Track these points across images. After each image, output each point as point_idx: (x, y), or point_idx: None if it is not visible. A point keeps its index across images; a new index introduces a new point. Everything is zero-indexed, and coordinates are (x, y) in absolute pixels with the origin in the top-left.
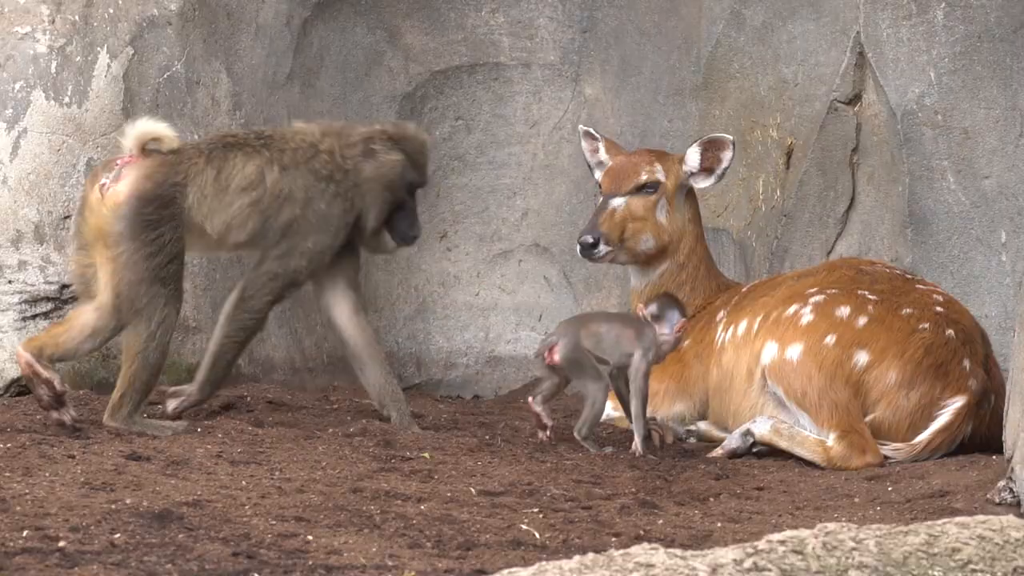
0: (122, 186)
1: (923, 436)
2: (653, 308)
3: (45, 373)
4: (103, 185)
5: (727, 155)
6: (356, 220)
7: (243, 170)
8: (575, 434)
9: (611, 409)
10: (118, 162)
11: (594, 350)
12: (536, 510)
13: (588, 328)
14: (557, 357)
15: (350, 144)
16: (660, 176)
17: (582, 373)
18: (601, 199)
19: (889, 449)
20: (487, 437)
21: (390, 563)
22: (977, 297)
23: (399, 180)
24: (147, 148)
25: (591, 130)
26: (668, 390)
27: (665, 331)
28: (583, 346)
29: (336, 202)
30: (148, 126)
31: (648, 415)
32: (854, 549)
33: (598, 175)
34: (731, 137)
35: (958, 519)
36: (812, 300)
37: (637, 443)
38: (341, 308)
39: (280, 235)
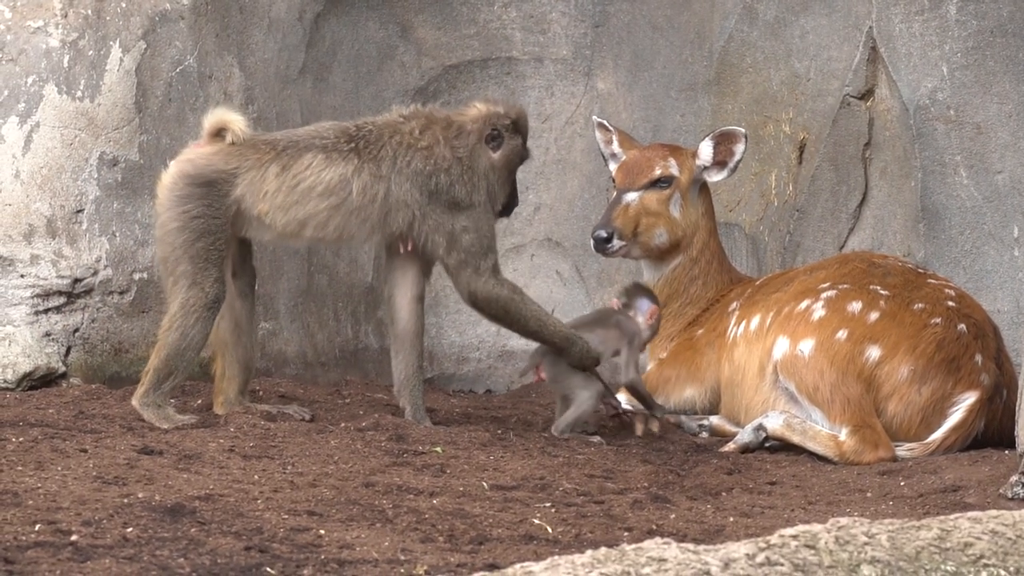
0: (171, 166)
1: (936, 435)
2: (624, 300)
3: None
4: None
5: (739, 148)
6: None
7: (320, 174)
8: (552, 430)
9: (624, 402)
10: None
11: None
12: (548, 504)
13: None
14: (544, 375)
15: (462, 133)
16: (674, 171)
17: (570, 382)
18: (615, 194)
19: (903, 449)
20: (499, 431)
21: (402, 557)
22: (989, 292)
23: (519, 162)
24: (219, 135)
25: (604, 121)
26: (679, 376)
27: (639, 321)
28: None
29: (459, 188)
30: (220, 114)
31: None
32: (867, 544)
33: (612, 167)
34: (743, 130)
35: (971, 514)
36: (824, 295)
37: (652, 425)
38: (404, 290)
39: (413, 233)
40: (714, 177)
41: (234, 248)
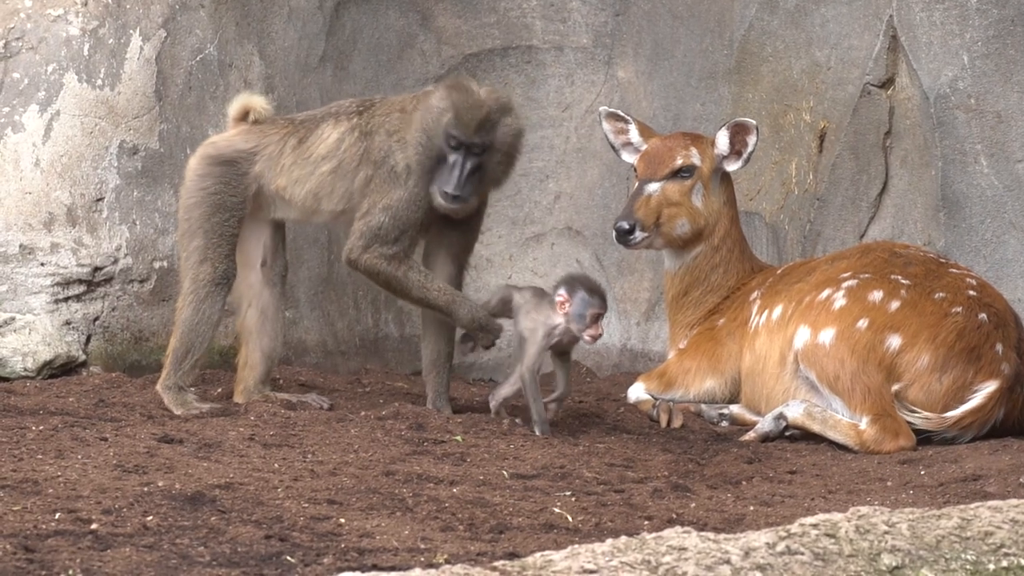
0: (197, 150)
1: (954, 412)
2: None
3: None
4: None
5: (752, 139)
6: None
7: (327, 140)
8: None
9: (643, 392)
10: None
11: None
12: (569, 493)
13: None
14: None
15: (428, 99)
16: (696, 160)
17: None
18: (636, 184)
19: (919, 417)
20: (519, 420)
21: (422, 546)
22: (1010, 281)
23: (435, 127)
24: (244, 119)
25: (618, 112)
26: (700, 367)
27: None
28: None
29: (398, 149)
30: (243, 99)
31: (671, 395)
32: (887, 533)
33: (625, 157)
34: (755, 122)
35: (991, 503)
36: (845, 285)
37: (534, 428)
38: (435, 275)
39: (360, 196)
40: (730, 167)
41: (267, 237)
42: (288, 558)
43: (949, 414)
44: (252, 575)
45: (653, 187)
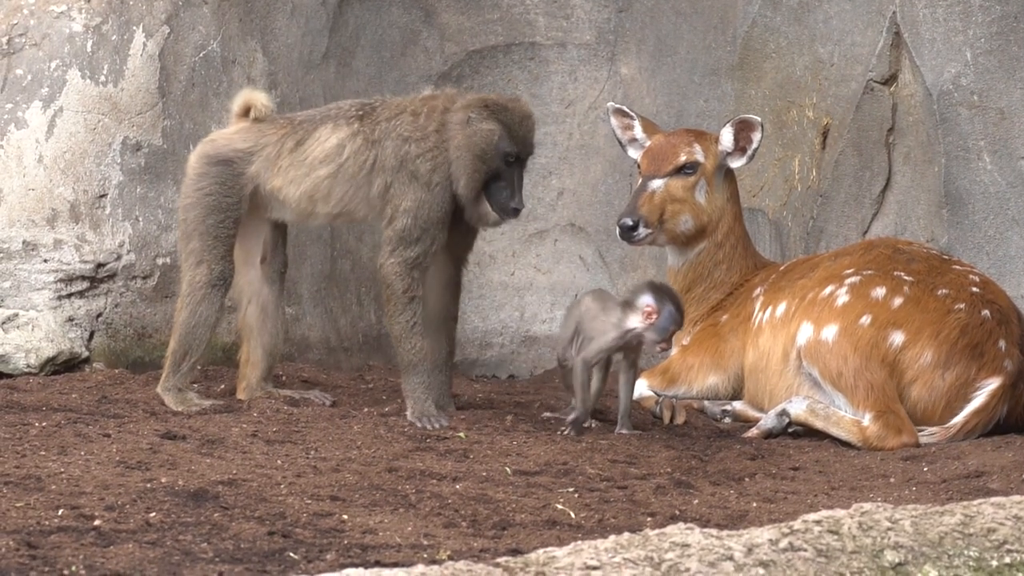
0: (196, 148)
1: (958, 419)
2: (628, 296)
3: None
4: None
5: (757, 136)
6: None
7: (325, 143)
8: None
9: (646, 388)
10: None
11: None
12: (571, 490)
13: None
14: None
15: (451, 110)
16: (699, 157)
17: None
18: (640, 180)
19: (925, 434)
20: (522, 417)
21: (425, 542)
22: (1013, 277)
23: (492, 150)
24: (246, 116)
25: (624, 107)
26: (703, 363)
27: (636, 317)
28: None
29: (422, 162)
30: (245, 94)
31: (674, 391)
32: (890, 529)
33: (631, 153)
34: (759, 119)
35: (994, 499)
36: (848, 281)
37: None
38: (435, 276)
39: (381, 202)
40: (734, 163)
41: (266, 234)
42: (291, 554)
43: (953, 422)
44: (255, 571)
45: (657, 183)
